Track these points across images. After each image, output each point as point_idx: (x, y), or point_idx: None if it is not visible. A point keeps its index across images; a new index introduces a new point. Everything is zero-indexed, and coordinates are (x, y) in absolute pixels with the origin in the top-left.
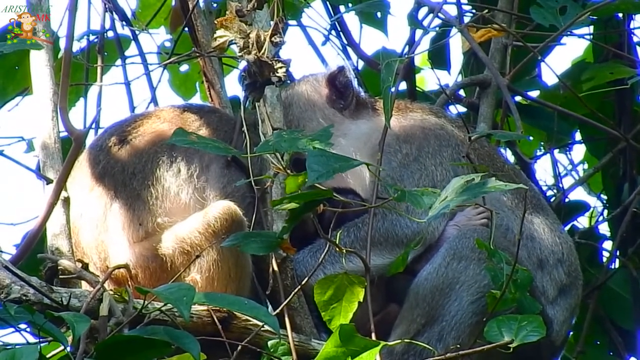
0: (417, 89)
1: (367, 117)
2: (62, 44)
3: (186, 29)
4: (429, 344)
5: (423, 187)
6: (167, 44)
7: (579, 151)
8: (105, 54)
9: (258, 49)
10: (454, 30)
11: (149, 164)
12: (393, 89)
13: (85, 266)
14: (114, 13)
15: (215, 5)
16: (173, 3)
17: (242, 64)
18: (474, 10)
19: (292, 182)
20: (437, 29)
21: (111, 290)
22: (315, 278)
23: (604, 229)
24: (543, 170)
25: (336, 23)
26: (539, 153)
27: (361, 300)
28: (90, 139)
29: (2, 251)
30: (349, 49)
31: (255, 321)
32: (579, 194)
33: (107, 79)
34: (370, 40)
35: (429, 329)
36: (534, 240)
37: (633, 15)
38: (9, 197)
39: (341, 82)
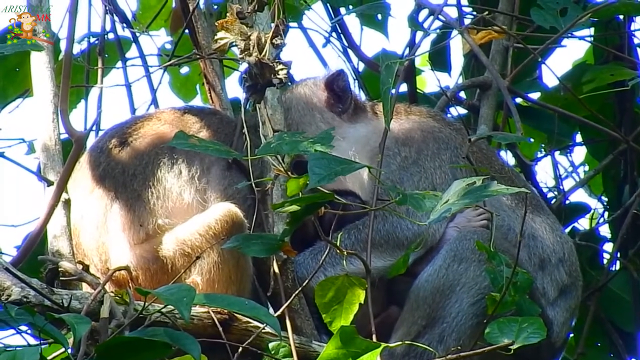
0: (417, 91)
1: (365, 121)
2: (63, 46)
3: (187, 30)
4: (430, 346)
5: (423, 190)
6: (168, 46)
7: (579, 153)
8: (106, 56)
9: (259, 51)
10: (454, 32)
11: (149, 165)
12: (393, 91)
13: (86, 268)
14: (114, 15)
15: (215, 7)
16: (173, 5)
17: (243, 66)
18: (474, 12)
19: (293, 184)
20: (438, 31)
21: (112, 292)
22: (316, 280)
23: (605, 230)
24: (544, 172)
25: (337, 25)
26: (539, 155)
27: (362, 302)
28: (91, 141)
29: (2, 253)
30: (350, 51)
31: (256, 323)
32: (579, 196)
33: (108, 81)
34: (371, 43)
35: (430, 330)
36: (536, 239)
37: (634, 17)
38: (9, 199)
39: (339, 86)
